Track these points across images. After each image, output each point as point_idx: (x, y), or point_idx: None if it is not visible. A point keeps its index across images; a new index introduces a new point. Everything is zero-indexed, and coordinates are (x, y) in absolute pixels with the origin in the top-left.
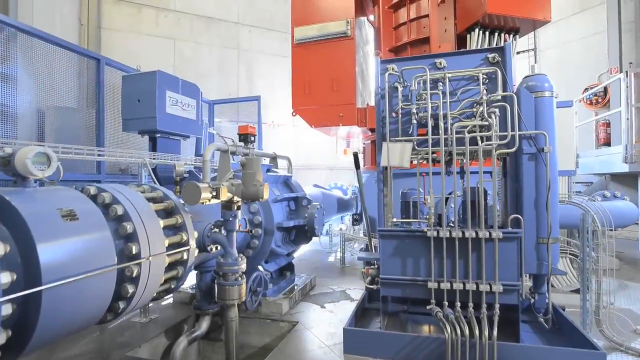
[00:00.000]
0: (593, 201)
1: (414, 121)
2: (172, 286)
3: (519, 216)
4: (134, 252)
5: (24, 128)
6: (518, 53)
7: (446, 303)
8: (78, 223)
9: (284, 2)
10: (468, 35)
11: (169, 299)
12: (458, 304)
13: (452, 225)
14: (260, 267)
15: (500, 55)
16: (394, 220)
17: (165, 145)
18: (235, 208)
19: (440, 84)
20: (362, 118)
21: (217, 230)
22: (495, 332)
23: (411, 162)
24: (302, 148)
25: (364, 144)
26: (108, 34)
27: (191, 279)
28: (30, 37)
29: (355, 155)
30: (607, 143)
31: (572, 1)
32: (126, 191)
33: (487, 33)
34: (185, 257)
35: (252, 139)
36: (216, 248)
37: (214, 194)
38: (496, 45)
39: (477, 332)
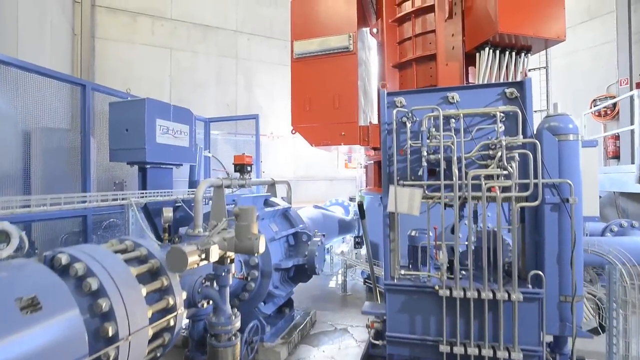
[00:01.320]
0: (611, 231)
1: (424, 163)
2: (158, 354)
3: (540, 273)
4: (110, 333)
5: (4, 154)
6: (530, 70)
7: None
8: (41, 313)
9: (284, 9)
10: (477, 54)
11: None
12: None
13: (466, 272)
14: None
15: (519, 91)
16: (402, 272)
17: (156, 175)
18: (229, 262)
19: (453, 120)
20: (364, 136)
21: (208, 283)
22: None
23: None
24: (302, 159)
25: (367, 163)
26: (102, 44)
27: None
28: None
29: (360, 205)
30: (617, 156)
31: (580, 9)
32: (103, 257)
33: (497, 52)
34: (172, 323)
35: (249, 168)
36: (208, 302)
37: (203, 256)
38: (507, 65)
39: None
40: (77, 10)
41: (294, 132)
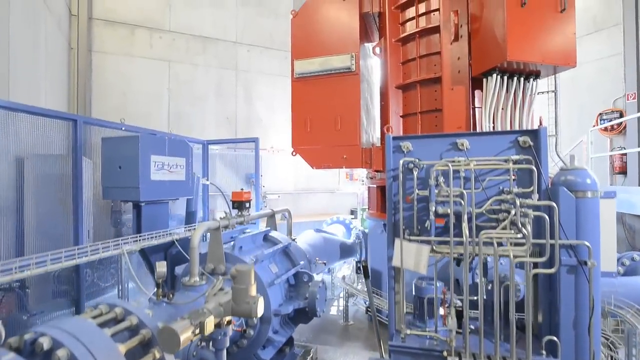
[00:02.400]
0: (623, 265)
1: (432, 217)
2: None
3: (554, 339)
4: None
5: None
6: (538, 94)
7: None
8: None
9: (284, 19)
10: (484, 80)
11: None
12: None
13: (475, 326)
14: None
15: (532, 139)
16: (408, 332)
17: (151, 211)
18: (225, 324)
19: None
20: (366, 159)
21: (204, 344)
22: None
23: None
24: (303, 172)
25: (370, 185)
26: (99, 57)
27: None
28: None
29: (365, 267)
30: (623, 172)
31: (585, 21)
32: (89, 337)
33: (505, 77)
34: None
35: (247, 205)
36: None
37: (197, 331)
38: (515, 90)
39: None
40: (73, 24)
41: (294, 153)
